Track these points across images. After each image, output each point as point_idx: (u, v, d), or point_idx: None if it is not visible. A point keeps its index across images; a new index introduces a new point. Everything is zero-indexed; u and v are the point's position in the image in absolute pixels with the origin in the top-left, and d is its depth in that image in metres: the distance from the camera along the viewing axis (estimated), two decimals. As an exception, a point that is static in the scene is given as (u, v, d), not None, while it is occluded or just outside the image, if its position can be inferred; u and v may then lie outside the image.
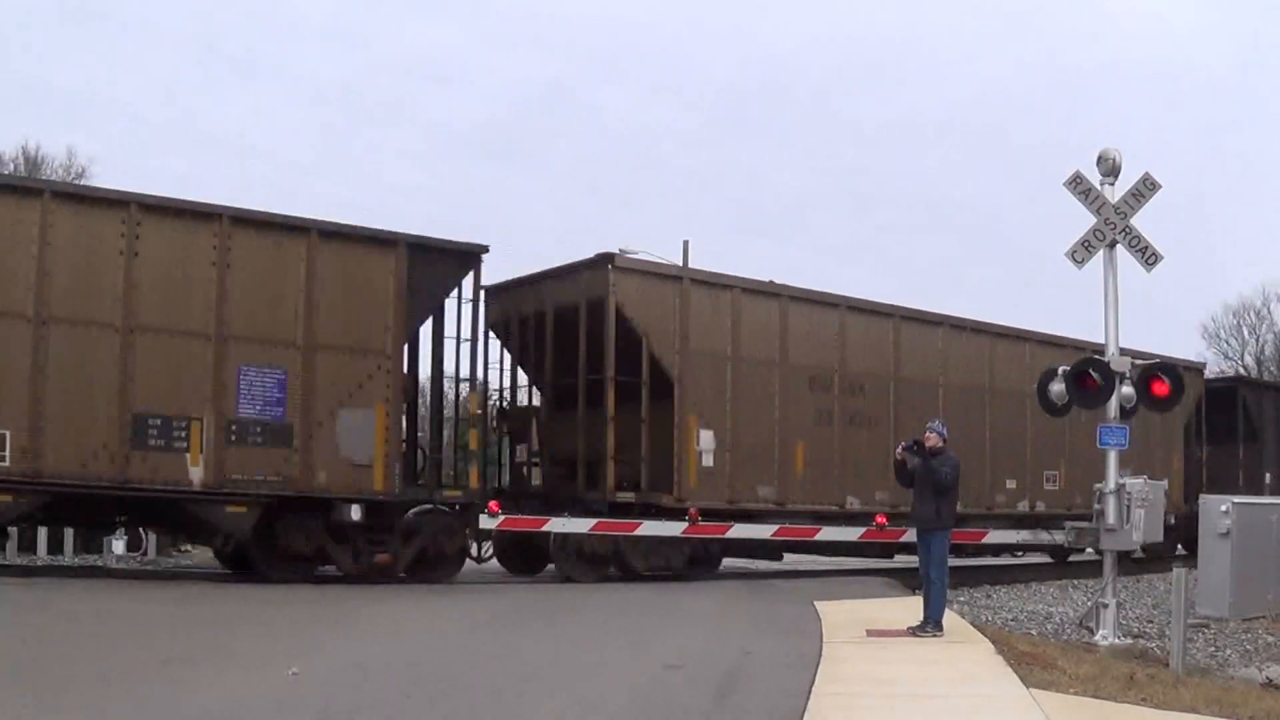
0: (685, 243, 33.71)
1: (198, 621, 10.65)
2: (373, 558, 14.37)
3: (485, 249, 15.43)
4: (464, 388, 16.44)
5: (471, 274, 15.36)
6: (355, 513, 14.02)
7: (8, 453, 12.22)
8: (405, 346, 15.31)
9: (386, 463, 14.24)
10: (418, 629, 10.83)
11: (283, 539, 13.93)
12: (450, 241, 15.21)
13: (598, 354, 15.96)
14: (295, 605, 12.34)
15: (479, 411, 16.67)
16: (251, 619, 11.09)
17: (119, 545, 17.15)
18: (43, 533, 17.70)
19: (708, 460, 16.42)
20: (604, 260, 16.04)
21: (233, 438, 13.31)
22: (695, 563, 16.84)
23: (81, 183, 15.45)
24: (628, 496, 15.98)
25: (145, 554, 18.09)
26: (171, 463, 12.97)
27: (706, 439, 16.42)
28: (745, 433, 16.87)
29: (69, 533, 17.95)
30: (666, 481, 16.08)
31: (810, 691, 7.66)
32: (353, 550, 14.33)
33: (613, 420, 15.74)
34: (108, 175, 49.59)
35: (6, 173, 17.56)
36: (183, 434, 13.06)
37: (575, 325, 16.33)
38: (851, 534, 17.92)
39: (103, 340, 12.79)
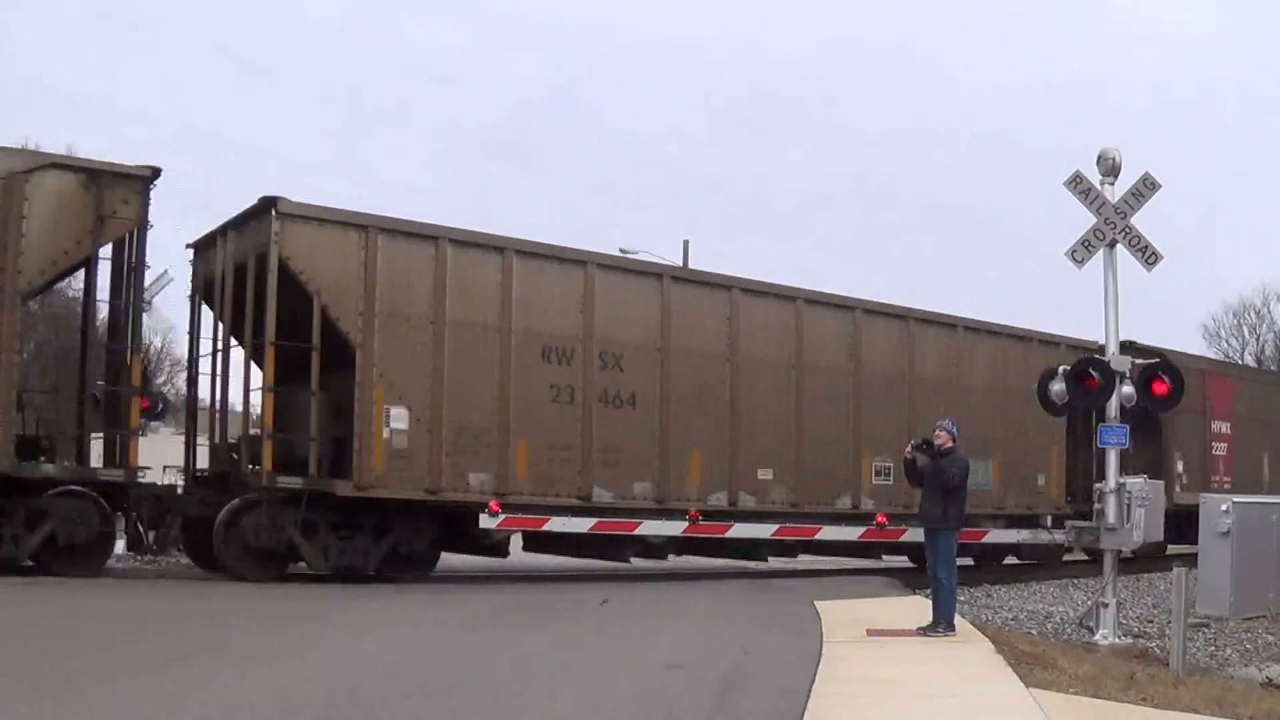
0: (685, 243, 33.68)
1: (196, 619, 10.66)
2: None
3: (156, 172, 13.57)
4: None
5: (140, 202, 13.44)
6: None
7: None
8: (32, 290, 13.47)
9: None
10: (416, 627, 10.81)
11: None
12: (107, 162, 13.30)
13: (262, 315, 13.97)
14: (293, 602, 12.34)
15: (139, 379, 14.07)
16: (249, 617, 11.10)
17: (119, 545, 16.96)
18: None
19: (400, 441, 14.24)
20: (268, 205, 13.85)
21: None
22: (397, 562, 14.72)
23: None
24: (293, 481, 13.89)
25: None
26: None
27: (398, 416, 14.26)
28: (455, 410, 14.60)
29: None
30: (346, 466, 14.10)
31: (810, 691, 7.65)
32: None
33: (270, 393, 13.98)
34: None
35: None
36: None
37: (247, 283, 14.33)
38: (852, 534, 17.91)
39: None
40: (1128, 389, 13.02)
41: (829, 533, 17.63)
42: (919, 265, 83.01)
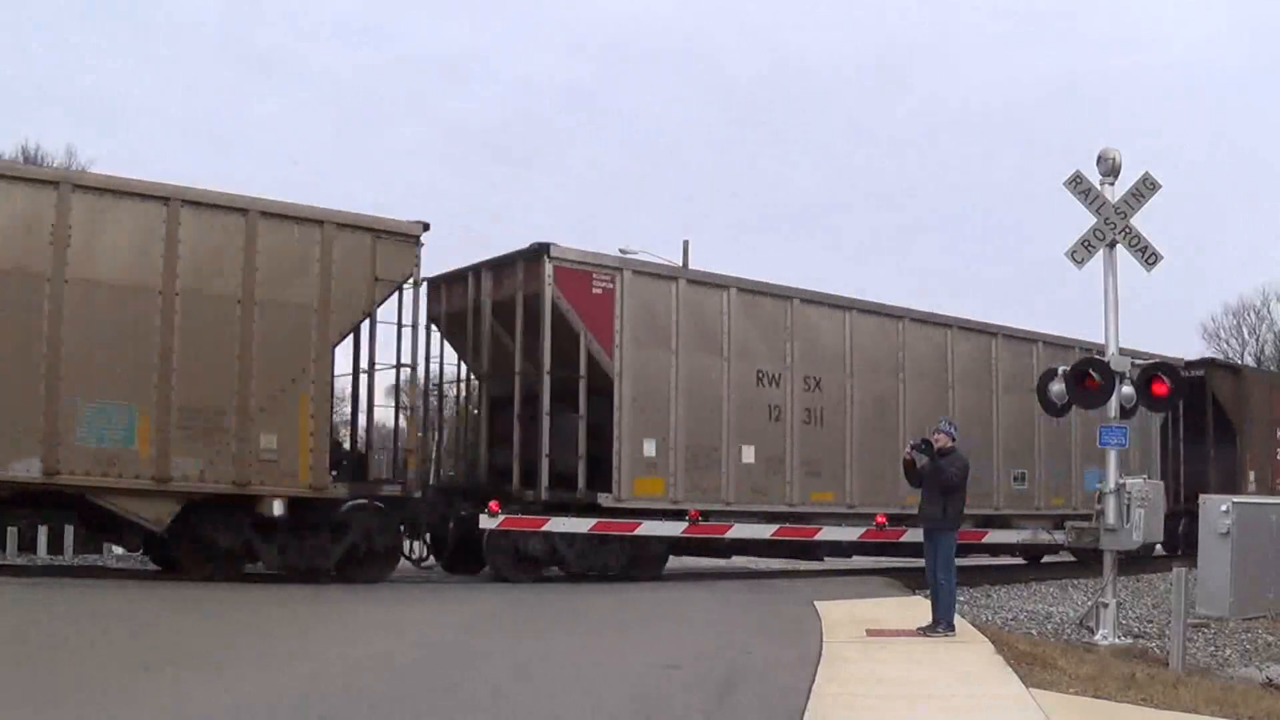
0: (685, 243, 33.72)
1: (197, 621, 10.65)
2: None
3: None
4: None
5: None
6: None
7: None
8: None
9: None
10: (416, 629, 10.82)
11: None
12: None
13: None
14: (294, 605, 12.35)
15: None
16: (251, 619, 11.10)
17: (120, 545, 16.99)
18: (43, 532, 17.65)
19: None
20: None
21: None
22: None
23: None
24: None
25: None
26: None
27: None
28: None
29: (69, 532, 17.89)
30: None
31: (810, 691, 7.66)
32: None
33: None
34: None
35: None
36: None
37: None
38: (851, 534, 17.91)
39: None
40: (1127, 389, 13.03)
41: (829, 533, 17.67)
42: (923, 265, 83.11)
